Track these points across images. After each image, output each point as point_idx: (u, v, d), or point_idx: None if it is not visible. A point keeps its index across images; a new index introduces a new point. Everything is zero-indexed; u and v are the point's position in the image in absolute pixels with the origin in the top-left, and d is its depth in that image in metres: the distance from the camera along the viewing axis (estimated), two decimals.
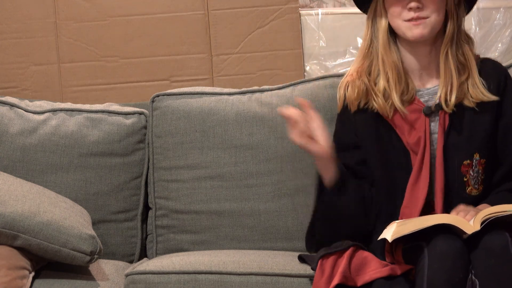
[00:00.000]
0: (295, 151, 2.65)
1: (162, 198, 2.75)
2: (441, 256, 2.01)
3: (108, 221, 2.74)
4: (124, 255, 2.75)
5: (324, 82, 2.71)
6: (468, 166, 2.27)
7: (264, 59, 3.15)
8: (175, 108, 2.76)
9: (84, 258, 2.35)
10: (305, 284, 2.26)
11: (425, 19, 2.25)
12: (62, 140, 2.74)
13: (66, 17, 3.18)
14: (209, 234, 2.70)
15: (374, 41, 2.33)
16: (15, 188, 2.43)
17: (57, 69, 3.19)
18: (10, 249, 2.33)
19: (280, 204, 2.66)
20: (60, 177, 2.72)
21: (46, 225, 2.34)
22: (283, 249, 2.65)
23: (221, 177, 2.70)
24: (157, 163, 2.77)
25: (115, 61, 3.18)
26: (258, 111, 2.71)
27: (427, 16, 2.25)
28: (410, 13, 2.25)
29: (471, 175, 2.28)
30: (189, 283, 2.28)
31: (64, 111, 2.80)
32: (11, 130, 2.74)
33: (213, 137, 2.72)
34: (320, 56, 3.15)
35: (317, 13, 3.17)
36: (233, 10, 3.15)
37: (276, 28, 3.14)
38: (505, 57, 3.06)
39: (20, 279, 2.26)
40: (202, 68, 3.17)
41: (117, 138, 2.76)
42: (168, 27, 3.17)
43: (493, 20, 3.12)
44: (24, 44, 3.19)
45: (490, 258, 2.00)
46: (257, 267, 2.30)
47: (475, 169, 2.28)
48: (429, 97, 2.32)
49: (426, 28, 2.26)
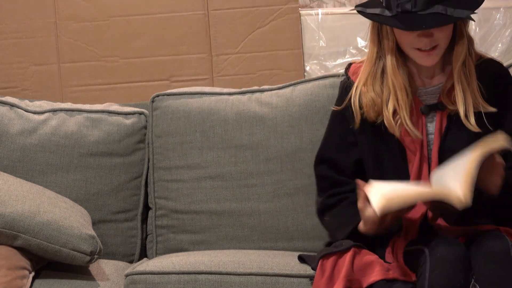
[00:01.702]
0: (295, 151, 2.66)
1: (162, 198, 2.75)
2: (442, 261, 2.01)
3: (108, 221, 2.74)
4: (124, 255, 2.75)
5: (324, 82, 2.71)
6: None
7: (264, 59, 3.15)
8: (175, 108, 2.76)
9: (84, 258, 2.35)
10: (305, 284, 2.26)
11: (435, 49, 2.21)
12: (62, 140, 2.74)
13: (66, 17, 3.18)
14: (209, 234, 2.70)
15: (382, 57, 2.28)
16: (15, 188, 2.43)
17: (57, 69, 3.19)
18: (10, 249, 2.33)
19: (280, 204, 2.66)
20: (60, 177, 2.72)
21: (46, 225, 2.34)
22: (283, 249, 2.64)
23: (221, 177, 2.70)
24: (157, 163, 2.77)
25: (115, 61, 3.18)
26: (258, 111, 2.71)
27: (437, 45, 2.21)
28: (421, 43, 2.20)
29: None
30: (189, 283, 2.28)
31: (64, 111, 2.80)
32: (11, 130, 2.73)
33: (213, 137, 2.72)
34: (320, 56, 3.15)
35: (317, 13, 3.17)
36: (233, 10, 3.15)
37: (276, 28, 3.14)
38: (505, 57, 3.05)
39: (20, 279, 2.26)
40: (202, 68, 3.17)
41: (117, 138, 2.76)
42: (168, 27, 3.17)
43: (493, 20, 3.12)
44: (24, 44, 3.19)
45: (491, 263, 2.00)
46: (257, 267, 2.30)
47: None
48: (428, 96, 2.31)
49: (437, 57, 2.23)
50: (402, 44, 2.24)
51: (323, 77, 2.74)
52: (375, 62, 2.29)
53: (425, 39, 2.19)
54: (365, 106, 2.29)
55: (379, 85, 2.29)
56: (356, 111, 2.30)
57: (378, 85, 2.29)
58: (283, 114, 2.69)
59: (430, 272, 2.01)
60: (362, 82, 2.30)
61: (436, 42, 2.21)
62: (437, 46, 2.22)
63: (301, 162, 2.64)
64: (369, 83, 2.29)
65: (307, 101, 2.68)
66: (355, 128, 2.33)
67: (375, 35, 2.29)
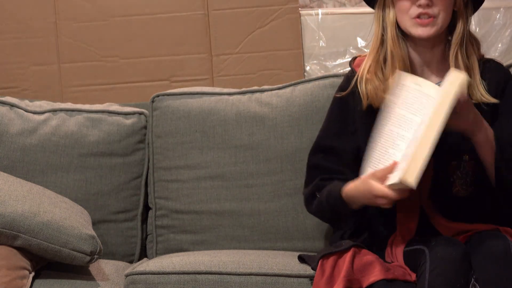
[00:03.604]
0: (295, 151, 2.66)
1: (162, 198, 2.75)
2: (442, 260, 2.01)
3: (108, 221, 2.74)
4: (124, 255, 2.75)
5: (324, 82, 2.71)
6: (455, 167, 2.26)
7: (264, 59, 3.15)
8: (175, 108, 2.76)
9: (84, 258, 2.35)
10: (305, 284, 2.26)
11: (432, 19, 2.23)
12: (62, 140, 2.74)
13: (66, 17, 3.18)
14: (209, 234, 2.70)
15: (384, 34, 2.30)
16: (15, 188, 2.43)
17: (57, 69, 3.19)
18: (10, 249, 2.33)
19: (280, 204, 2.66)
20: (60, 177, 2.72)
21: (46, 225, 2.34)
22: (283, 249, 2.65)
23: (221, 177, 2.70)
24: (157, 163, 2.77)
25: (115, 61, 3.18)
26: (258, 111, 2.71)
27: (434, 15, 2.23)
28: (418, 9, 2.22)
29: (458, 176, 2.26)
30: (189, 283, 2.28)
31: (64, 111, 2.80)
32: (11, 130, 2.74)
33: (213, 137, 2.72)
34: (320, 56, 3.15)
35: (317, 13, 3.17)
36: (233, 10, 3.15)
37: (276, 28, 3.14)
38: (505, 57, 3.06)
39: (20, 279, 2.26)
40: (202, 68, 3.17)
41: (117, 138, 2.76)
42: (168, 27, 3.17)
43: (493, 20, 3.12)
44: (24, 44, 3.19)
45: (491, 263, 2.00)
46: (257, 267, 2.30)
47: (463, 171, 2.26)
48: None
49: (432, 29, 2.24)
50: (400, 14, 2.26)
51: (323, 77, 2.74)
52: (378, 48, 2.31)
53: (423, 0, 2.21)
54: (369, 92, 2.30)
55: (381, 72, 2.29)
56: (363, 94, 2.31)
57: (381, 72, 2.30)
58: (283, 114, 2.69)
59: (430, 272, 2.01)
60: (367, 69, 2.31)
61: (432, 12, 2.22)
62: (434, 19, 2.23)
63: (301, 162, 2.64)
64: (372, 71, 2.30)
65: (307, 101, 2.68)
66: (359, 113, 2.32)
67: (380, 13, 2.30)
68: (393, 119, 2.15)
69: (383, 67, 2.30)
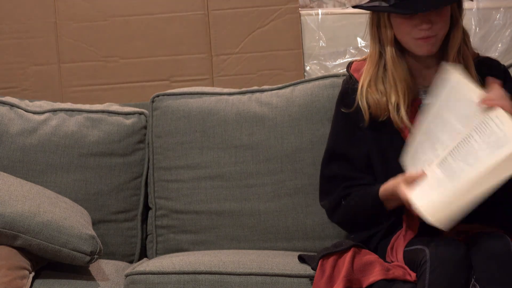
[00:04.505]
0: (295, 151, 2.66)
1: (162, 198, 2.75)
2: (443, 261, 2.01)
3: (108, 221, 2.74)
4: (124, 255, 2.75)
5: (324, 82, 2.71)
6: None
7: (264, 59, 3.15)
8: (175, 108, 2.76)
9: (84, 258, 2.35)
10: (305, 284, 2.26)
11: (434, 37, 2.24)
12: (62, 140, 2.74)
13: (66, 17, 3.17)
14: (209, 234, 2.70)
15: (382, 52, 2.31)
16: (15, 188, 2.43)
17: (57, 69, 3.19)
18: (10, 249, 2.33)
19: (280, 204, 2.66)
20: (60, 177, 2.72)
21: (46, 225, 2.34)
22: (283, 249, 2.64)
23: (221, 177, 2.70)
24: (157, 163, 2.77)
25: (115, 61, 3.18)
26: (258, 111, 2.71)
27: (436, 34, 2.23)
28: (420, 32, 2.22)
29: None
30: (189, 283, 2.28)
31: (64, 111, 2.80)
32: (11, 130, 2.74)
33: (213, 137, 2.72)
34: (320, 56, 3.15)
35: (317, 13, 3.17)
36: (233, 10, 3.15)
37: (276, 28, 3.14)
38: (505, 57, 3.05)
39: (20, 279, 2.26)
40: (202, 68, 3.17)
41: (117, 138, 2.76)
42: (168, 27, 3.16)
43: (493, 20, 3.12)
44: (24, 44, 3.19)
45: (492, 263, 2.00)
46: (257, 267, 2.30)
47: None
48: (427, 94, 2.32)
49: (435, 46, 2.25)
50: (401, 35, 2.26)
51: (323, 77, 2.74)
52: (377, 62, 2.31)
53: (425, 25, 2.21)
54: (371, 105, 2.30)
55: (382, 84, 2.30)
56: (364, 110, 2.31)
57: (382, 84, 2.30)
58: (283, 114, 2.69)
59: (430, 272, 2.01)
60: (367, 83, 2.31)
61: (435, 32, 2.23)
62: (436, 36, 2.24)
63: (301, 162, 2.64)
64: (373, 84, 2.31)
65: (307, 101, 2.68)
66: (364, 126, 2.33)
67: (374, 30, 2.31)
68: (432, 116, 2.17)
69: (383, 79, 2.30)
